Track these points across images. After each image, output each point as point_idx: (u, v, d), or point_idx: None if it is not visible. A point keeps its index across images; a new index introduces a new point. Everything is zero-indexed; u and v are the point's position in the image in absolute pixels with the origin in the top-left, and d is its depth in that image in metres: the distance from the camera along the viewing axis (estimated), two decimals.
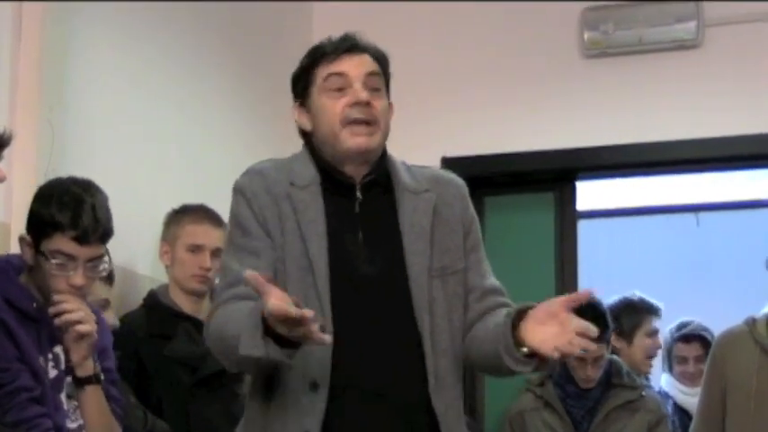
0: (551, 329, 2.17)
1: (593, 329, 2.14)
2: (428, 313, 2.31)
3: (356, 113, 2.34)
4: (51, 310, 2.63)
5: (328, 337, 2.05)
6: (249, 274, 2.03)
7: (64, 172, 3.16)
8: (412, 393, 2.29)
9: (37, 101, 3.09)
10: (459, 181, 2.50)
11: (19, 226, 3.01)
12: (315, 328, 2.00)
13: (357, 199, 2.37)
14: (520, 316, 2.24)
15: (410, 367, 2.29)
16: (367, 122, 2.35)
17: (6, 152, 2.27)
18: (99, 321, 2.74)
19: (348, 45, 2.39)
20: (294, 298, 2.03)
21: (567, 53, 4.85)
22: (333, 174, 2.38)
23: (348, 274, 2.29)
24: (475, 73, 4.93)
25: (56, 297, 2.63)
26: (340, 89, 2.35)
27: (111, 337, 2.91)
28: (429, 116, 4.70)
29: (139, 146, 3.67)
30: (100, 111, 3.47)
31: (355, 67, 2.38)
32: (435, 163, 4.83)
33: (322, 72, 2.37)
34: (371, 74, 2.39)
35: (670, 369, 4.83)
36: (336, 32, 2.45)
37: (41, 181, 3.08)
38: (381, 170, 2.41)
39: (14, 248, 2.95)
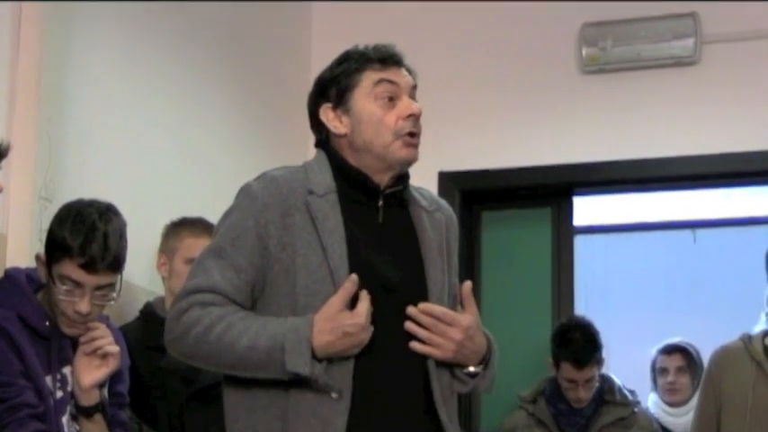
0: None
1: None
2: None
3: (410, 127, 2.38)
4: (82, 339, 2.62)
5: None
6: None
7: (61, 182, 3.17)
8: (423, 403, 2.31)
9: (35, 111, 3.09)
10: (451, 210, 2.57)
11: (16, 237, 3.01)
12: None
13: (380, 208, 2.38)
14: None
15: (419, 378, 2.31)
16: (416, 135, 2.40)
17: (4, 162, 2.27)
18: (119, 344, 2.74)
19: (396, 57, 2.43)
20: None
21: (565, 69, 4.86)
22: (357, 181, 2.38)
23: (370, 283, 2.27)
24: (472, 88, 4.94)
25: (89, 324, 2.63)
26: (390, 98, 2.38)
27: (129, 361, 2.90)
28: (426, 131, 4.64)
29: (137, 157, 3.67)
30: (98, 121, 3.47)
31: (403, 78, 2.42)
32: (433, 178, 4.83)
33: (371, 77, 2.39)
34: (414, 87, 2.44)
35: (655, 387, 4.84)
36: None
37: (39, 191, 3.09)
38: (406, 183, 2.44)
39: (10, 260, 2.95)
